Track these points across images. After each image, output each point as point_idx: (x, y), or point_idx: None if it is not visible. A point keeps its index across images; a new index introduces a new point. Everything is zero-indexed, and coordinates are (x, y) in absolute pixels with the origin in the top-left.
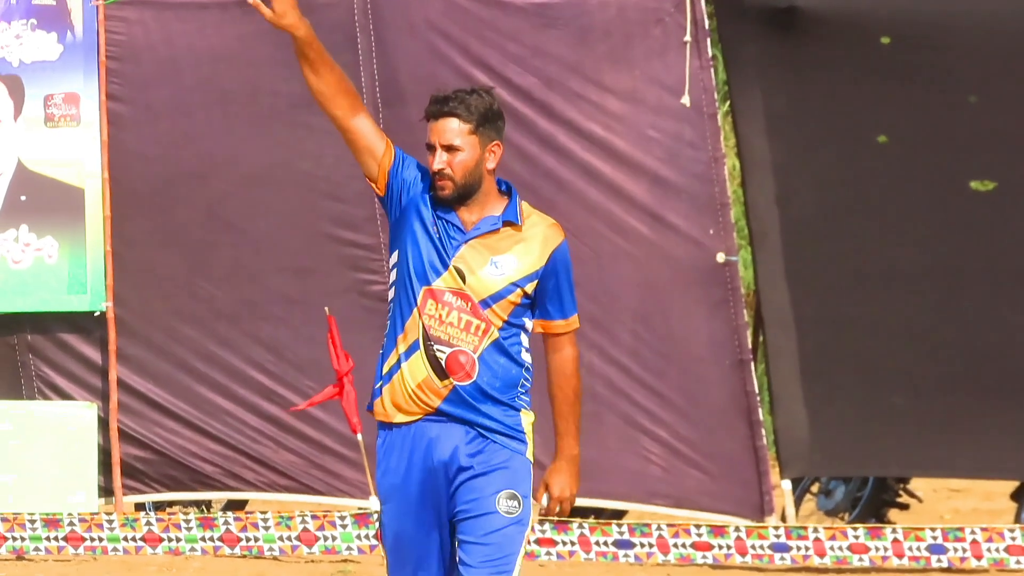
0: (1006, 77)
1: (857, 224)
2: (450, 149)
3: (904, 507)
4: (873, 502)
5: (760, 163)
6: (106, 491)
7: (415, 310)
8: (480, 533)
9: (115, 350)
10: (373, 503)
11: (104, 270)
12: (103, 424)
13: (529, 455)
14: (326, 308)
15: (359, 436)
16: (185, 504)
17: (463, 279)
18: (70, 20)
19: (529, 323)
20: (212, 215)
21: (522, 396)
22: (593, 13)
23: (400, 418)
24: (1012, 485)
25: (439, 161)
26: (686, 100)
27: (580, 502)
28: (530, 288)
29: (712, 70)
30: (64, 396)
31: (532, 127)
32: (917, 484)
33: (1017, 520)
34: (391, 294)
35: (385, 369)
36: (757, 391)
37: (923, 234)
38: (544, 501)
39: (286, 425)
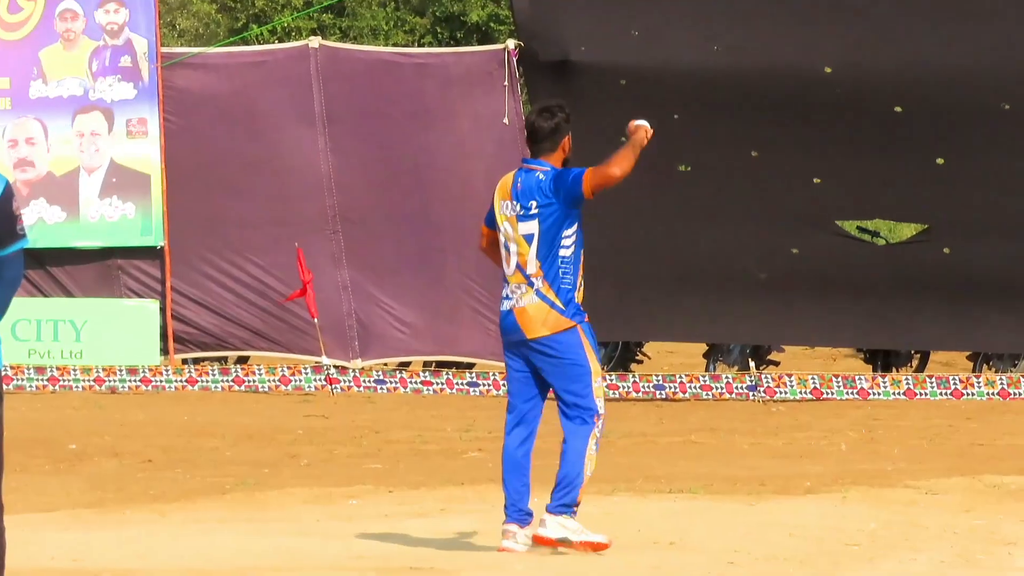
0: (691, 103)
1: (610, 200)
2: None
3: (640, 362)
4: (621, 358)
5: None
6: (164, 352)
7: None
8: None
9: (169, 268)
10: (324, 360)
11: (162, 222)
12: (162, 312)
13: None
14: (295, 243)
15: (315, 320)
16: (212, 359)
17: None
18: (141, 75)
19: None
20: (225, 190)
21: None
22: (450, 68)
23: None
24: (704, 347)
25: None
26: (506, 120)
27: (445, 358)
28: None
29: (521, 102)
30: (139, 296)
31: (416, 137)
32: (648, 347)
33: (707, 370)
34: (570, 253)
35: (578, 298)
36: None
37: (641, 199)
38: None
39: (273, 312)
